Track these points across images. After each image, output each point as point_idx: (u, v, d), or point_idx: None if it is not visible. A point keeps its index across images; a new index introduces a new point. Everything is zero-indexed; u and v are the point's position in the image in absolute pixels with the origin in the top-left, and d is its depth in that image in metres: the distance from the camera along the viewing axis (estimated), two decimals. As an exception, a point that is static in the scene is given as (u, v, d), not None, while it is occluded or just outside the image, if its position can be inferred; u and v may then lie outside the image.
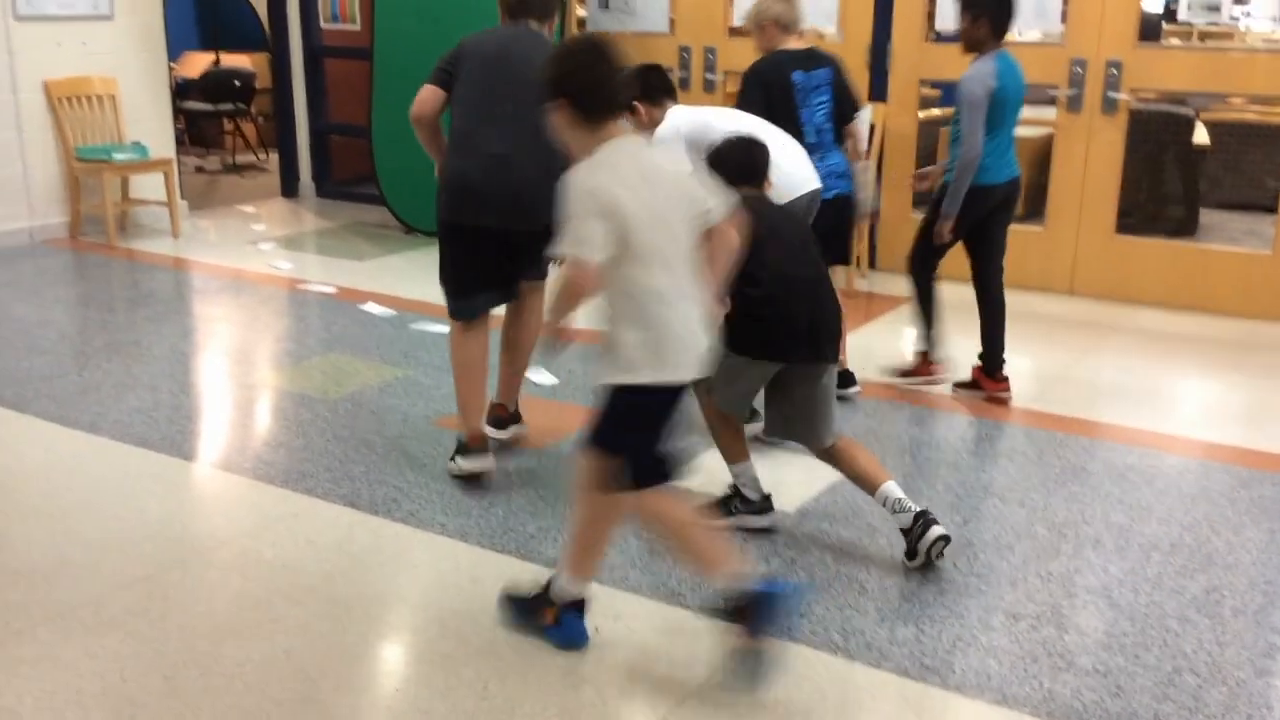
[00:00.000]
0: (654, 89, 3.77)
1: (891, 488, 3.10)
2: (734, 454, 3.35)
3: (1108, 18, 5.62)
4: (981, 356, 4.42)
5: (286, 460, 3.77)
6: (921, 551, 3.05)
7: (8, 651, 2.66)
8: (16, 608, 2.85)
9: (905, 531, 3.08)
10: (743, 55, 6.87)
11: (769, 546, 3.21)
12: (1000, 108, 4.06)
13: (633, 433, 2.57)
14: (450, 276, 3.56)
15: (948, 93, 9.08)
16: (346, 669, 2.63)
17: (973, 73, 4.06)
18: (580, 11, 7.43)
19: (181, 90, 9.34)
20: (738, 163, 3.19)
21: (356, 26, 7.82)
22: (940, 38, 6.69)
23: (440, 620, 2.82)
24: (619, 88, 2.59)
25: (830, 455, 3.22)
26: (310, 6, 8.00)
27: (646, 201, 2.42)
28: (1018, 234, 6.07)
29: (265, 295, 5.82)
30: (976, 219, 4.26)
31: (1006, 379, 4.39)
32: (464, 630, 2.77)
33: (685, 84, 6.77)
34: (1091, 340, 5.29)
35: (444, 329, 4.08)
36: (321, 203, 8.22)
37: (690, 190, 2.54)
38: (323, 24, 8.05)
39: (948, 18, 6.04)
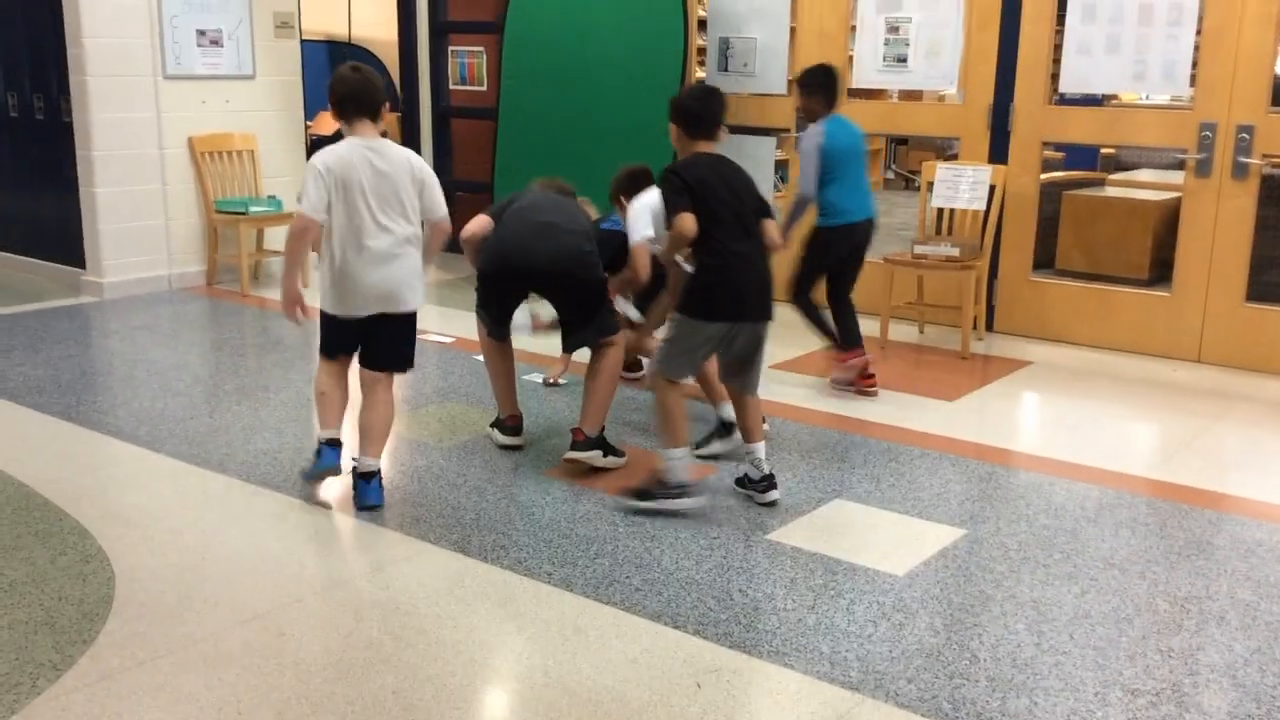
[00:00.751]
0: (637, 188, 4.68)
1: (760, 448, 3.86)
2: (678, 436, 3.79)
3: (1239, 82, 5.48)
4: (836, 335, 5.17)
5: (401, 505, 3.86)
6: (748, 487, 3.88)
7: (131, 680, 2.77)
8: (141, 638, 2.97)
9: (749, 480, 3.87)
10: (861, 116, 6.90)
11: (877, 609, 3.16)
12: (835, 159, 4.99)
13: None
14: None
15: (1073, 155, 8.99)
16: (452, 712, 2.66)
17: (808, 132, 5.05)
18: (700, 73, 7.55)
19: (315, 147, 9.71)
20: (694, 113, 3.81)
21: (483, 88, 8.07)
22: (1064, 100, 6.62)
23: (544, 668, 2.85)
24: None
25: (741, 400, 3.94)
26: (440, 69, 8.30)
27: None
28: (1144, 299, 5.95)
29: (386, 344, 5.98)
30: (840, 255, 5.16)
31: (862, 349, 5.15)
32: (566, 679, 2.79)
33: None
34: (1219, 409, 5.11)
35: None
36: (444, 256, 8.40)
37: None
38: (451, 85, 8.34)
39: (1074, 80, 5.97)
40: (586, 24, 6.87)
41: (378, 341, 3.81)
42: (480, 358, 5.24)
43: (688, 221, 3.63)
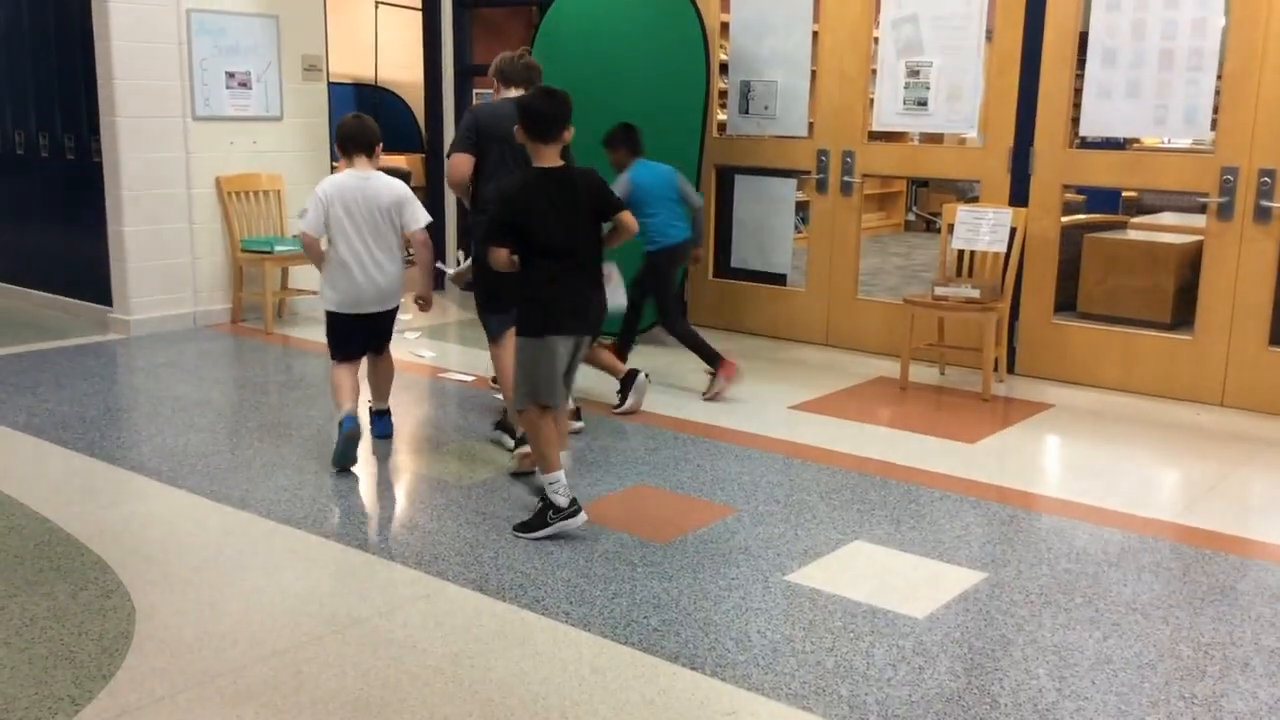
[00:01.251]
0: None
1: (560, 475, 3.92)
2: (554, 461, 3.93)
3: (1260, 126, 5.49)
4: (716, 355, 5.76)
5: (420, 542, 3.87)
6: (542, 509, 3.92)
7: (149, 716, 2.78)
8: (160, 674, 2.98)
9: (543, 505, 3.92)
10: (882, 158, 6.94)
11: (896, 652, 3.14)
12: (647, 196, 5.62)
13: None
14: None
15: (1094, 198, 8.99)
16: (467, 751, 2.65)
17: (618, 181, 5.58)
18: (720, 115, 7.61)
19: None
20: (542, 113, 3.92)
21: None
22: (1086, 143, 6.63)
23: (561, 709, 2.84)
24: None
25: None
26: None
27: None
28: (1167, 342, 5.93)
29: (408, 381, 6.02)
30: (665, 272, 5.83)
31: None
32: (583, 719, 2.78)
33: (823, 185, 6.84)
34: (1243, 454, 5.07)
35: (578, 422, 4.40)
36: (466, 295, 8.48)
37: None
38: (475, 127, 8.41)
39: (1095, 124, 5.99)
40: (608, 69, 6.95)
41: (377, 330, 4.81)
42: (499, 395, 5.27)
43: (500, 256, 3.93)
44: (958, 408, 5.74)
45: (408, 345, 6.81)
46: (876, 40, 6.63)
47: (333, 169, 8.01)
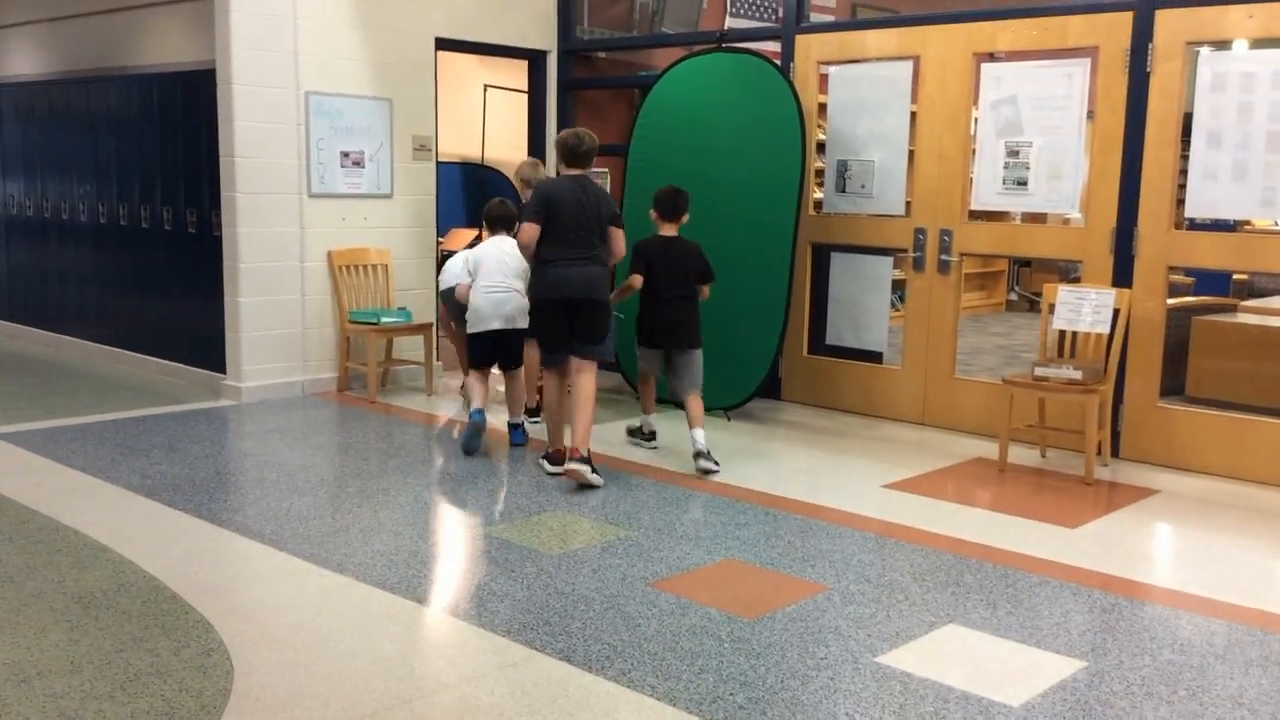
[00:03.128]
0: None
1: (699, 433, 5.78)
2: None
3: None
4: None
5: (509, 611, 3.91)
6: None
7: (244, 771, 2.84)
8: (256, 730, 3.05)
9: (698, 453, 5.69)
10: (980, 238, 6.91)
11: (988, 740, 3.06)
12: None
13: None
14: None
15: (1203, 280, 8.79)
16: (549, 822, 2.66)
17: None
18: (817, 194, 7.66)
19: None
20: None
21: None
22: (1194, 224, 6.51)
23: (644, 783, 2.83)
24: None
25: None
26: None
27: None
28: (1278, 428, 5.73)
29: (502, 452, 6.12)
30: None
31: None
32: (666, 795, 2.76)
33: (920, 264, 6.82)
34: (1364, 547, 4.85)
35: (670, 492, 4.62)
36: (563, 369, 8.60)
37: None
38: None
39: (1200, 205, 5.89)
40: (706, 147, 7.07)
41: (506, 349, 6.23)
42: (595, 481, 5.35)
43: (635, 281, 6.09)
44: (1059, 491, 5.62)
45: (506, 417, 6.93)
46: (975, 120, 6.64)
47: (438, 244, 8.29)
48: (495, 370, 6.40)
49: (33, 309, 9.58)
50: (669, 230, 6.11)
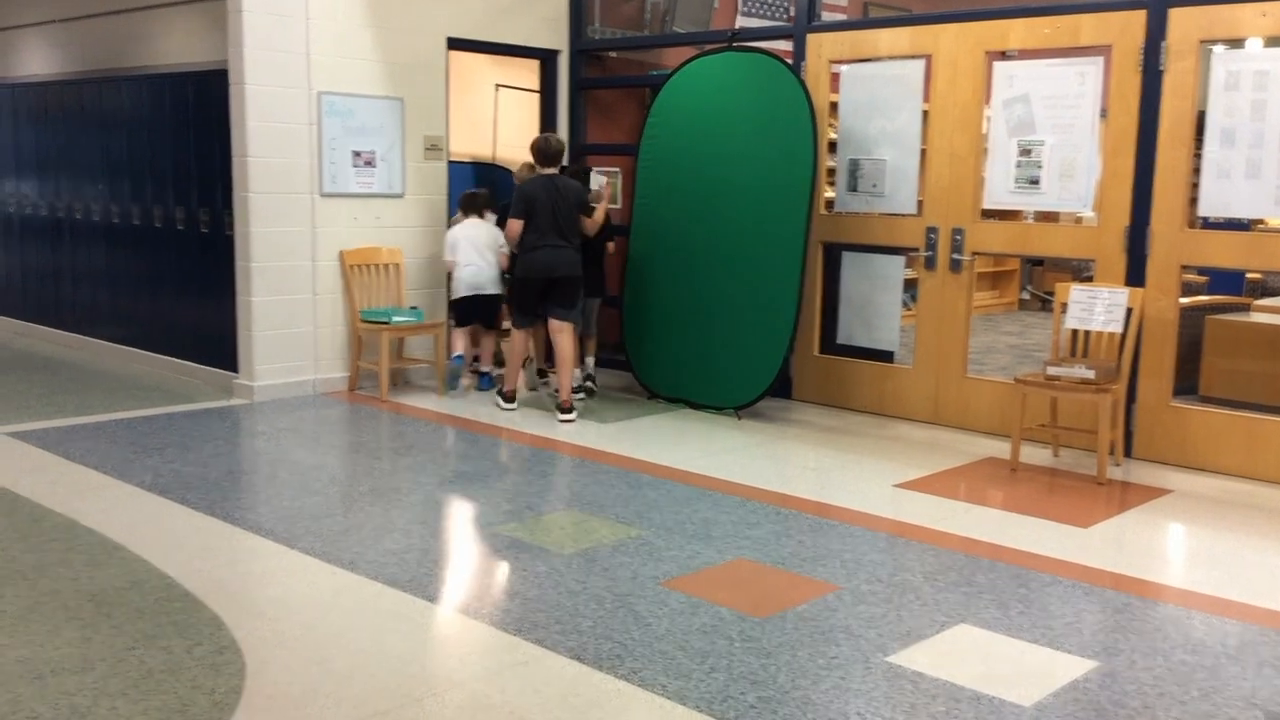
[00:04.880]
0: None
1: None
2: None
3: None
4: None
5: (520, 609, 3.91)
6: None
7: (256, 768, 2.85)
8: (268, 728, 3.06)
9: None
10: (992, 237, 6.89)
11: (999, 740, 3.06)
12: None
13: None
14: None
15: (1217, 279, 8.75)
16: (560, 820, 2.66)
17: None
18: (829, 193, 7.65)
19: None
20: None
21: (617, 205, 8.32)
22: (1207, 223, 6.49)
23: (655, 781, 2.83)
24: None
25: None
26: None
27: None
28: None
29: (514, 450, 6.13)
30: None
31: None
32: (677, 794, 2.76)
33: (932, 263, 6.81)
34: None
35: (681, 491, 4.56)
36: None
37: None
38: (588, 202, 8.61)
39: (1214, 204, 5.87)
40: (717, 146, 7.07)
41: (481, 310, 7.58)
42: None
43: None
44: (1071, 491, 5.60)
45: (515, 416, 6.94)
46: (988, 119, 6.63)
47: (450, 222, 8.32)
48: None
49: (46, 308, 9.62)
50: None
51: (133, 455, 5.84)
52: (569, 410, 6.81)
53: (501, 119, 10.97)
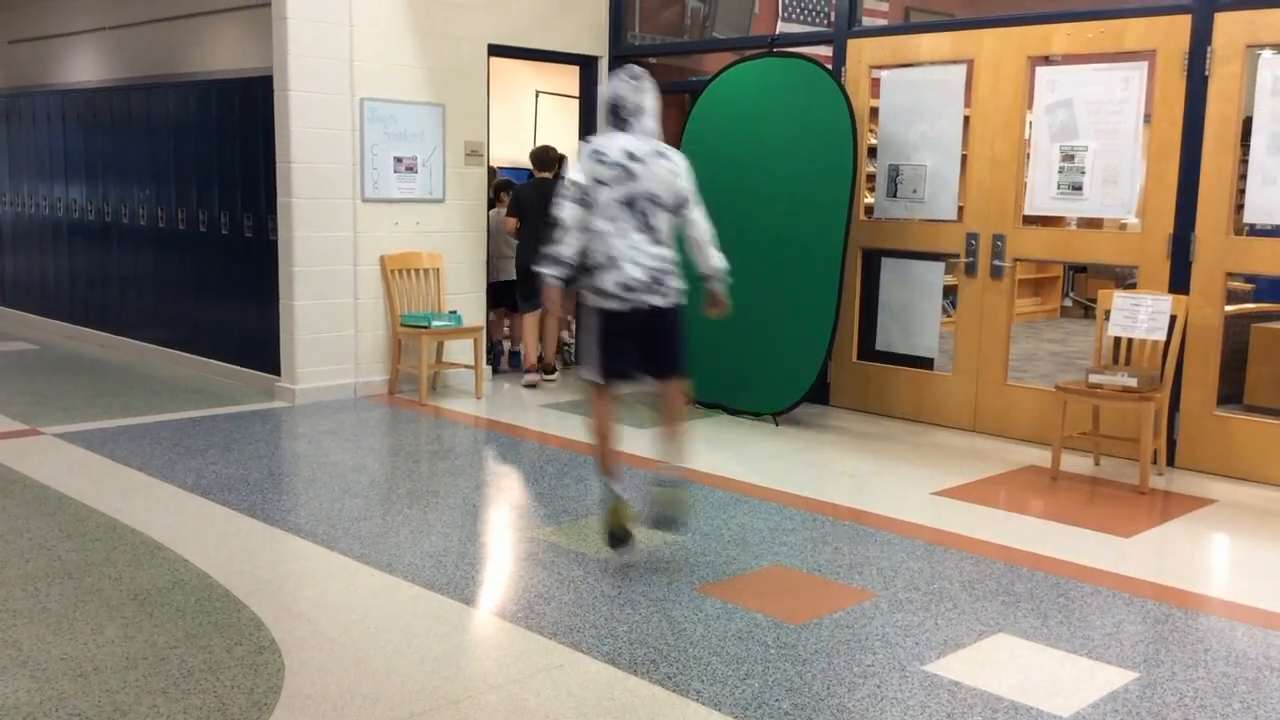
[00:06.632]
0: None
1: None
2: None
3: None
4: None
5: (556, 613, 3.93)
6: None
7: (293, 767, 2.88)
8: (305, 727, 3.09)
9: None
10: (1034, 243, 6.83)
11: (1037, 750, 3.03)
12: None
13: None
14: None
15: (1263, 287, 8.62)
16: (593, 824, 2.66)
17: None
18: (868, 199, 7.62)
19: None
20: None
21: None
22: (1255, 230, 6.39)
23: (688, 787, 2.83)
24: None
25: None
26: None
27: None
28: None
29: (550, 455, 6.15)
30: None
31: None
32: (710, 800, 2.76)
33: (972, 269, 6.76)
34: None
35: (717, 497, 4.50)
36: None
37: None
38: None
39: (1260, 211, 5.79)
40: (757, 152, 7.06)
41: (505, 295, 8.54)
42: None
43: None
44: (1113, 500, 5.54)
45: (551, 419, 6.96)
46: (1030, 124, 6.57)
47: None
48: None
49: (93, 311, 9.78)
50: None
51: (176, 456, 5.92)
52: (533, 372, 8.13)
53: (541, 124, 11.02)
